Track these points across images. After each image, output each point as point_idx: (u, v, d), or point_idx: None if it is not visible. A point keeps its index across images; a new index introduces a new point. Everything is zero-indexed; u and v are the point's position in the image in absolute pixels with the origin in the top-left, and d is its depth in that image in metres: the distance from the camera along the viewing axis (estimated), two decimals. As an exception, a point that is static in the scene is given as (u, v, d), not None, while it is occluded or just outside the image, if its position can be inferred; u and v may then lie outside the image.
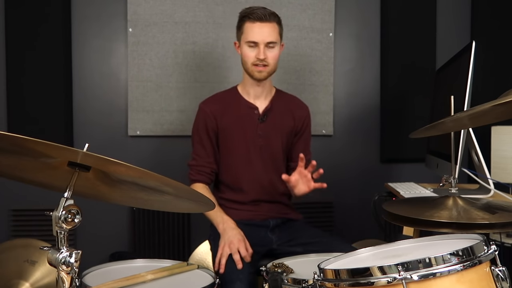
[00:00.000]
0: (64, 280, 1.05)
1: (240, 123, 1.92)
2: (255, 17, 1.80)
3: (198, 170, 1.92)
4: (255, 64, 1.83)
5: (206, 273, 1.53)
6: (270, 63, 1.84)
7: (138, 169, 1.02)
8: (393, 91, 2.91)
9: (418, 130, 1.48)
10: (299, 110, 2.02)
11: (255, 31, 1.80)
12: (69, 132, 2.64)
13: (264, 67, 1.84)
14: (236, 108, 1.93)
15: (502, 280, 1.07)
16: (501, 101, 1.10)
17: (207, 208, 1.32)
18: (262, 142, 1.93)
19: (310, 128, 2.06)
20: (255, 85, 1.91)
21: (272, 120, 1.94)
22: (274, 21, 1.83)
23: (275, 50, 1.84)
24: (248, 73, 1.88)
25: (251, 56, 1.83)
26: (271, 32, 1.81)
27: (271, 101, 1.96)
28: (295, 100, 2.07)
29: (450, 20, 2.97)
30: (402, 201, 1.70)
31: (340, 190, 2.90)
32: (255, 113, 1.93)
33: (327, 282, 1.10)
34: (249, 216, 1.91)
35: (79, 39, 2.66)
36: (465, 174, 1.99)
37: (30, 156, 1.03)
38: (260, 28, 1.80)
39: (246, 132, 1.92)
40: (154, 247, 2.68)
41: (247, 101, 1.94)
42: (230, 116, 1.92)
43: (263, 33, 1.80)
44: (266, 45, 1.81)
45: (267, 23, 1.80)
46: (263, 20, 1.79)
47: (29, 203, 2.58)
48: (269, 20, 1.81)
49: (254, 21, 1.80)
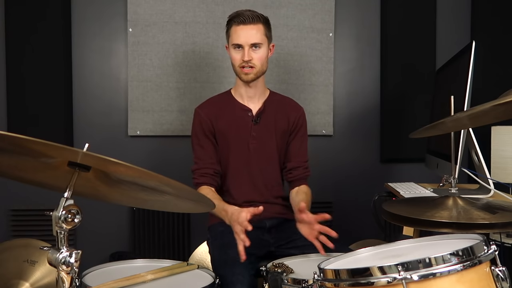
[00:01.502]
0: (64, 280, 1.05)
1: (234, 126, 1.93)
2: (239, 20, 1.83)
3: (201, 173, 1.90)
4: (241, 66, 1.85)
5: (206, 273, 1.53)
6: (256, 64, 1.85)
7: (138, 169, 1.02)
8: (393, 91, 2.91)
9: (418, 130, 1.48)
10: (292, 111, 2.02)
11: (239, 33, 1.83)
12: (69, 132, 2.64)
13: (251, 68, 1.85)
14: (230, 111, 1.95)
15: (502, 280, 1.07)
16: (501, 101, 1.10)
17: (207, 208, 1.32)
18: (256, 144, 1.93)
19: (306, 128, 2.04)
20: (246, 86, 1.93)
21: (265, 121, 1.95)
22: (259, 23, 1.85)
23: (260, 51, 1.85)
24: (237, 75, 1.91)
25: (237, 59, 1.86)
26: (255, 34, 1.83)
27: (264, 103, 1.97)
28: (289, 101, 2.06)
29: (450, 20, 2.96)
30: (402, 201, 1.70)
31: (340, 190, 2.90)
32: (248, 115, 1.94)
33: (327, 282, 1.10)
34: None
35: (79, 39, 2.66)
36: (465, 174, 1.99)
37: (30, 156, 1.03)
38: (244, 31, 1.83)
39: (240, 134, 1.93)
40: (154, 247, 2.68)
41: (241, 103, 1.96)
42: (224, 119, 1.94)
43: (247, 35, 1.82)
44: (250, 46, 1.83)
45: (251, 25, 1.83)
46: (246, 22, 1.82)
47: (29, 203, 2.58)
48: (253, 22, 1.83)
49: (238, 24, 1.83)
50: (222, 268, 1.66)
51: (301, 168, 1.98)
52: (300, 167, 1.98)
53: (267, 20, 1.89)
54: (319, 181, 2.61)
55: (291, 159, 1.98)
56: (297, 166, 1.97)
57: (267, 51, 1.89)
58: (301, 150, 2.00)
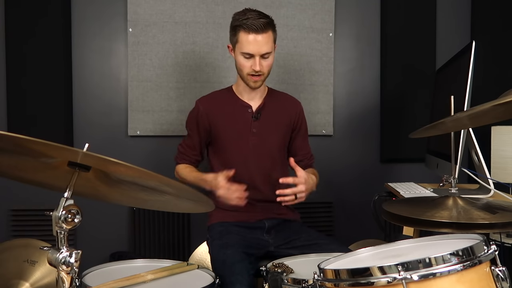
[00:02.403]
0: (64, 280, 1.05)
1: (233, 121, 1.94)
2: (250, 28, 1.77)
3: (182, 157, 2.04)
4: (250, 74, 1.85)
5: (206, 273, 1.53)
6: (265, 72, 1.87)
7: (138, 169, 1.02)
8: (393, 91, 2.91)
9: (418, 130, 1.48)
10: (292, 106, 2.06)
11: (251, 42, 1.79)
12: (69, 132, 2.64)
13: (259, 76, 1.86)
14: (230, 107, 1.96)
15: (502, 280, 1.07)
16: (501, 101, 1.10)
17: (207, 208, 1.32)
18: (256, 140, 1.94)
19: (306, 123, 2.10)
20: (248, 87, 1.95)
21: (266, 117, 1.96)
22: (269, 30, 1.82)
23: (270, 59, 1.86)
24: (243, 80, 1.90)
25: (246, 66, 1.84)
26: (267, 43, 1.81)
27: (264, 99, 1.99)
28: (286, 96, 2.10)
29: (450, 20, 2.96)
30: (402, 201, 1.70)
31: (340, 190, 2.90)
32: (248, 112, 1.96)
33: (327, 282, 1.10)
34: (243, 217, 1.91)
35: (79, 39, 2.66)
36: (465, 174, 1.99)
37: (30, 156, 1.03)
38: (255, 40, 1.78)
39: (240, 131, 1.94)
40: (154, 247, 2.68)
41: (241, 99, 1.98)
42: (223, 114, 1.95)
43: (259, 45, 1.79)
44: (261, 56, 1.82)
45: (262, 34, 1.79)
46: (258, 31, 1.78)
47: (29, 203, 2.58)
48: (264, 31, 1.79)
49: (249, 31, 1.78)
50: (221, 268, 1.66)
51: (306, 159, 2.06)
52: (305, 159, 2.06)
53: (273, 22, 1.86)
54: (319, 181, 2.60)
55: (296, 154, 2.04)
56: (302, 159, 2.04)
57: (274, 56, 1.89)
58: (304, 144, 2.09)
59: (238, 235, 1.85)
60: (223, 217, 1.93)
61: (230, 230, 1.89)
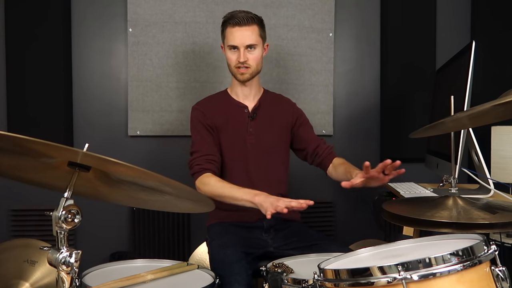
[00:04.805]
0: (64, 280, 1.05)
1: (230, 122, 1.96)
2: (234, 22, 1.88)
3: (206, 159, 1.86)
4: (237, 66, 1.91)
5: (206, 273, 1.53)
6: (251, 65, 1.91)
7: (138, 169, 1.02)
8: (393, 91, 2.91)
9: (418, 130, 1.48)
10: (286, 104, 2.09)
11: (235, 35, 1.88)
12: (69, 132, 2.64)
13: (246, 69, 1.91)
14: (226, 108, 1.99)
15: (502, 280, 1.07)
16: (501, 101, 1.10)
17: (207, 208, 1.32)
18: (253, 140, 1.96)
19: (305, 115, 2.11)
20: (242, 85, 1.98)
21: (262, 117, 1.99)
22: (254, 24, 1.90)
23: (256, 52, 1.91)
24: (233, 75, 1.97)
25: (233, 59, 1.91)
26: (251, 35, 1.88)
27: (260, 99, 2.02)
28: (281, 97, 2.14)
29: (450, 20, 2.96)
30: (402, 201, 1.70)
31: (340, 190, 2.86)
32: (244, 112, 1.98)
33: (327, 282, 1.10)
34: (242, 217, 1.91)
35: (79, 39, 2.66)
36: (465, 174, 1.99)
37: (30, 156, 1.03)
38: (239, 32, 1.87)
39: (237, 131, 1.96)
40: (154, 247, 2.68)
41: (237, 100, 2.00)
42: (220, 116, 1.96)
43: (242, 36, 1.87)
44: (246, 48, 1.88)
45: (246, 26, 1.87)
46: (241, 24, 1.87)
47: (29, 203, 2.58)
48: (248, 24, 1.87)
49: (233, 25, 1.88)
50: (220, 268, 1.66)
51: (322, 144, 2.04)
52: (321, 143, 2.04)
53: (261, 20, 1.94)
54: (319, 181, 2.61)
55: (309, 143, 2.03)
56: (318, 145, 2.02)
57: (261, 51, 1.94)
58: (312, 133, 2.07)
59: (237, 235, 1.85)
60: (222, 217, 1.93)
61: (229, 230, 1.89)
